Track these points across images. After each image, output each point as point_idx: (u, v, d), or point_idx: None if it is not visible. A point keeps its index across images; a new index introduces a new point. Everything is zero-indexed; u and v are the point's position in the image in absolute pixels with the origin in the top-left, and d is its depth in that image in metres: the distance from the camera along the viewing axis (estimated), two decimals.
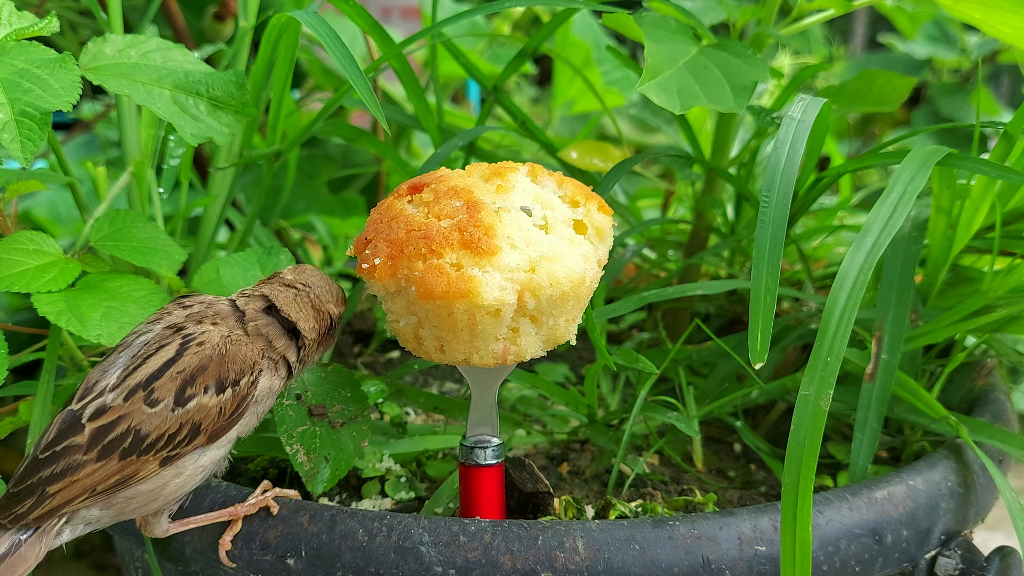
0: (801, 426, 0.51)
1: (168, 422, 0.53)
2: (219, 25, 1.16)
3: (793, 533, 0.51)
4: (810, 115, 0.61)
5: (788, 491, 0.51)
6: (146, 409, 0.52)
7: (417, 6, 1.73)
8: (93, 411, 0.53)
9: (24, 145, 0.59)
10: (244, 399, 0.55)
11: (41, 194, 1.25)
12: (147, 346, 0.55)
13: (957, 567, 0.62)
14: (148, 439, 0.52)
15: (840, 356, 0.53)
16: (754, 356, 0.53)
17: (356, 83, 0.62)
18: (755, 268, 0.54)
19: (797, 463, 0.51)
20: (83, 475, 0.52)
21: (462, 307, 0.51)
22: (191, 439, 0.54)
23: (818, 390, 0.52)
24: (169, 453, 0.53)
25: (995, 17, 0.78)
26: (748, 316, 0.91)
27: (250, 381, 0.55)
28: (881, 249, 0.56)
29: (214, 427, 0.54)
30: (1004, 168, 0.67)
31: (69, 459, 0.52)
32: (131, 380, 0.53)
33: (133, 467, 0.53)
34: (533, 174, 0.58)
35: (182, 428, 0.53)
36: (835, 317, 0.54)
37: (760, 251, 0.55)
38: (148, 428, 0.52)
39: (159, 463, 0.53)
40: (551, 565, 0.54)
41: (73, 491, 0.52)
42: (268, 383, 0.57)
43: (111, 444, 0.52)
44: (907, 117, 1.96)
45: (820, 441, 0.51)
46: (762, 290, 0.54)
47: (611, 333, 0.97)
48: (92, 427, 0.52)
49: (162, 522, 0.57)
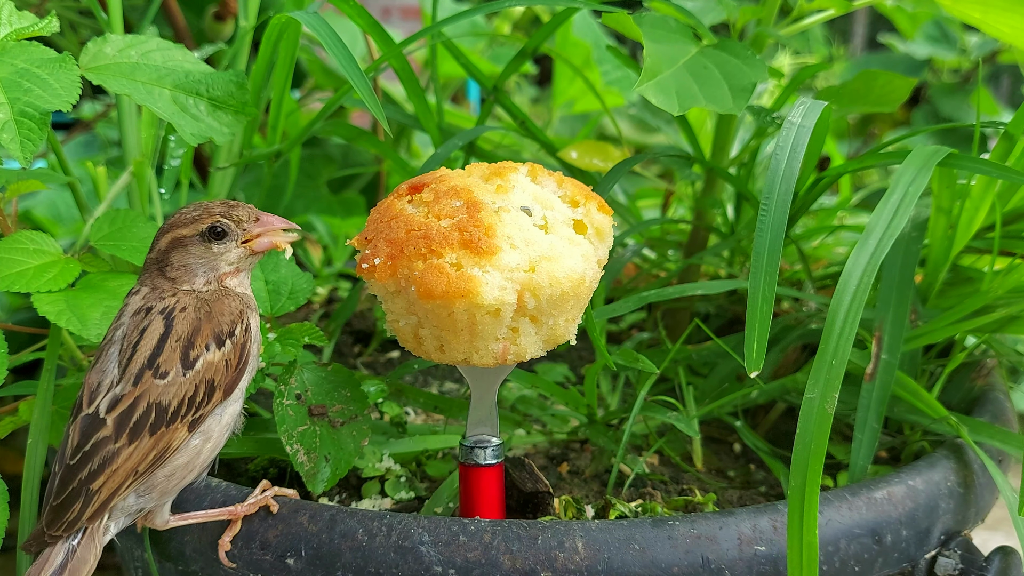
0: (807, 430, 0.51)
1: (184, 387, 0.54)
2: (219, 25, 1.16)
3: (800, 537, 0.51)
4: (810, 120, 0.61)
5: (794, 494, 0.51)
6: (159, 383, 0.54)
7: (417, 6, 1.73)
8: (108, 404, 0.54)
9: (23, 145, 0.59)
10: (245, 346, 0.57)
11: (41, 194, 1.25)
12: (129, 336, 0.56)
13: (957, 567, 0.62)
14: (171, 408, 0.54)
15: (845, 359, 0.53)
16: (750, 364, 0.52)
17: (356, 83, 0.62)
18: (752, 275, 0.54)
19: (803, 466, 0.51)
20: (121, 461, 0.53)
21: (462, 307, 0.51)
22: (209, 397, 0.55)
23: (823, 393, 0.52)
24: (194, 416, 0.55)
25: (995, 17, 0.78)
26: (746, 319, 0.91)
27: (244, 328, 0.57)
28: (884, 251, 0.55)
29: (227, 381, 0.56)
30: (1004, 168, 0.67)
31: (103, 452, 0.53)
32: (133, 366, 0.55)
33: (166, 439, 0.54)
34: (533, 174, 0.58)
35: (198, 389, 0.55)
36: (839, 320, 0.53)
37: (758, 258, 0.55)
38: (167, 398, 0.54)
39: (187, 428, 0.55)
40: (551, 565, 0.54)
41: (117, 480, 0.53)
42: (255, 322, 0.59)
43: (138, 424, 0.53)
44: (907, 117, 1.96)
45: (826, 444, 0.51)
46: (759, 298, 0.54)
47: (611, 333, 0.97)
48: (113, 417, 0.54)
49: (163, 513, 0.58)
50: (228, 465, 0.73)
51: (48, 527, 0.53)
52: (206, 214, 0.58)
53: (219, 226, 0.58)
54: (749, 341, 0.53)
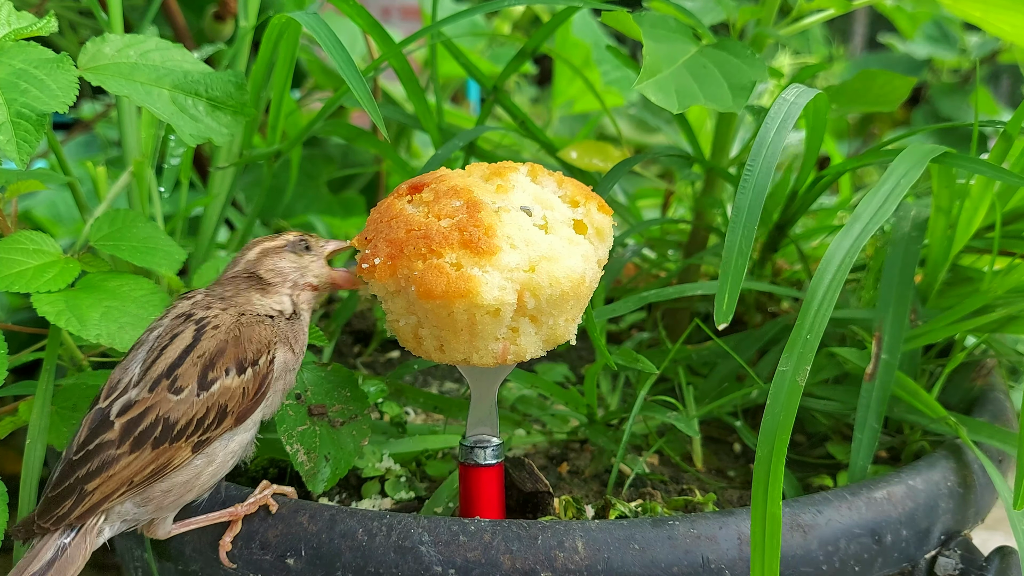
0: (777, 401, 0.51)
1: (195, 407, 0.54)
2: (219, 25, 1.16)
3: (764, 508, 0.51)
4: (803, 99, 0.61)
5: (760, 464, 0.51)
6: (172, 397, 0.54)
7: (417, 6, 1.73)
8: (120, 407, 0.54)
9: (20, 147, 0.59)
10: (265, 378, 0.57)
11: (41, 194, 1.25)
12: (161, 338, 0.56)
13: (957, 567, 0.62)
14: (178, 426, 0.54)
15: (819, 334, 0.53)
16: (719, 316, 0.52)
17: (354, 85, 0.62)
18: (730, 230, 0.54)
19: (771, 437, 0.51)
20: (119, 469, 0.53)
21: (462, 307, 0.51)
22: (219, 422, 0.55)
23: (795, 366, 0.52)
24: (200, 438, 0.54)
25: (995, 15, 0.78)
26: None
27: (268, 359, 0.57)
28: (868, 235, 0.56)
29: (240, 408, 0.56)
30: (1000, 169, 0.67)
31: (103, 455, 0.53)
32: (153, 372, 0.54)
33: (167, 455, 0.54)
34: (533, 174, 0.58)
35: (209, 412, 0.54)
36: (818, 296, 0.53)
37: (738, 214, 0.54)
38: (176, 415, 0.54)
39: (191, 449, 0.54)
40: (551, 565, 0.54)
41: (111, 486, 0.53)
42: (283, 358, 0.58)
43: (142, 435, 0.53)
44: (907, 117, 1.96)
45: (794, 415, 0.51)
46: (735, 251, 0.53)
47: (611, 333, 0.97)
48: (121, 422, 0.53)
49: (166, 523, 0.58)
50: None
51: (39, 516, 0.53)
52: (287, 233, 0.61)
53: (304, 240, 0.61)
54: (720, 292, 0.53)
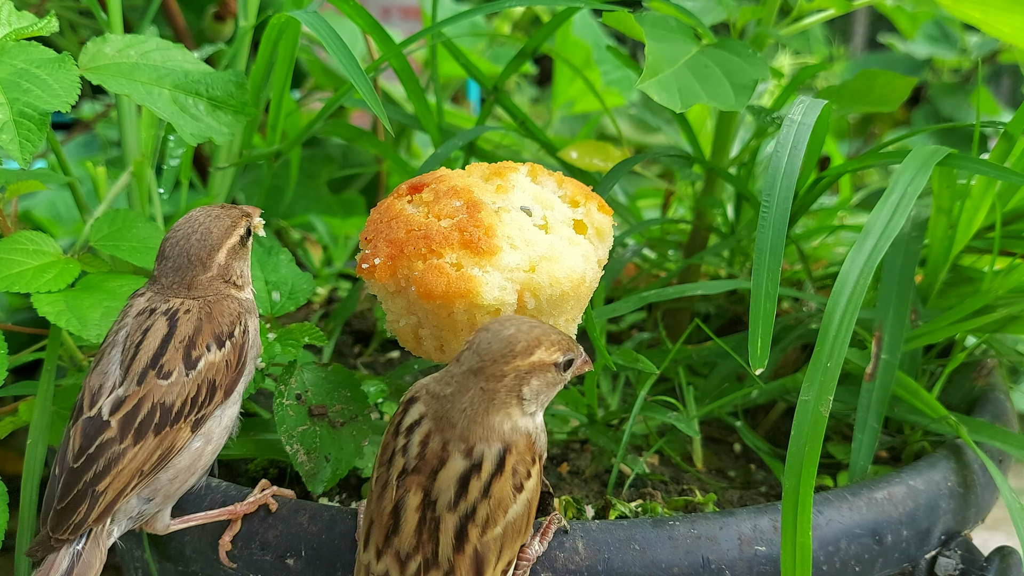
0: (801, 432, 0.51)
1: (187, 387, 0.55)
2: (219, 25, 1.16)
3: (793, 537, 0.51)
4: (810, 117, 0.61)
5: (788, 496, 0.51)
6: (162, 383, 0.54)
7: (417, 6, 1.73)
8: (111, 406, 0.54)
9: (23, 146, 0.59)
10: (243, 347, 0.58)
11: (41, 194, 1.25)
12: (131, 336, 0.57)
13: (957, 567, 0.62)
14: (175, 408, 0.54)
15: (840, 361, 0.53)
16: (754, 361, 0.53)
17: (357, 82, 0.62)
18: (755, 273, 0.54)
19: (797, 468, 0.51)
20: (126, 462, 0.53)
21: (462, 307, 0.51)
22: (211, 397, 0.56)
23: (818, 396, 0.52)
24: (197, 416, 0.56)
25: (995, 17, 0.78)
26: (748, 316, 0.91)
27: (242, 330, 0.58)
28: (881, 252, 0.56)
29: (227, 381, 0.57)
30: (1003, 168, 0.67)
31: (107, 454, 0.53)
32: (136, 367, 0.55)
33: (170, 439, 0.55)
34: (533, 174, 0.58)
35: (200, 389, 0.55)
36: (835, 321, 0.53)
37: (760, 256, 0.55)
38: (171, 398, 0.54)
39: (191, 428, 0.55)
40: (551, 565, 0.54)
41: (122, 480, 0.53)
42: (254, 325, 0.60)
43: (143, 424, 0.54)
44: (907, 117, 1.96)
45: (820, 446, 0.51)
46: (762, 295, 0.54)
47: (611, 333, 0.97)
48: (117, 418, 0.54)
49: (164, 518, 0.58)
50: (228, 466, 0.73)
51: (53, 531, 0.53)
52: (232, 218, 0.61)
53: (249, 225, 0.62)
54: (753, 338, 0.53)
